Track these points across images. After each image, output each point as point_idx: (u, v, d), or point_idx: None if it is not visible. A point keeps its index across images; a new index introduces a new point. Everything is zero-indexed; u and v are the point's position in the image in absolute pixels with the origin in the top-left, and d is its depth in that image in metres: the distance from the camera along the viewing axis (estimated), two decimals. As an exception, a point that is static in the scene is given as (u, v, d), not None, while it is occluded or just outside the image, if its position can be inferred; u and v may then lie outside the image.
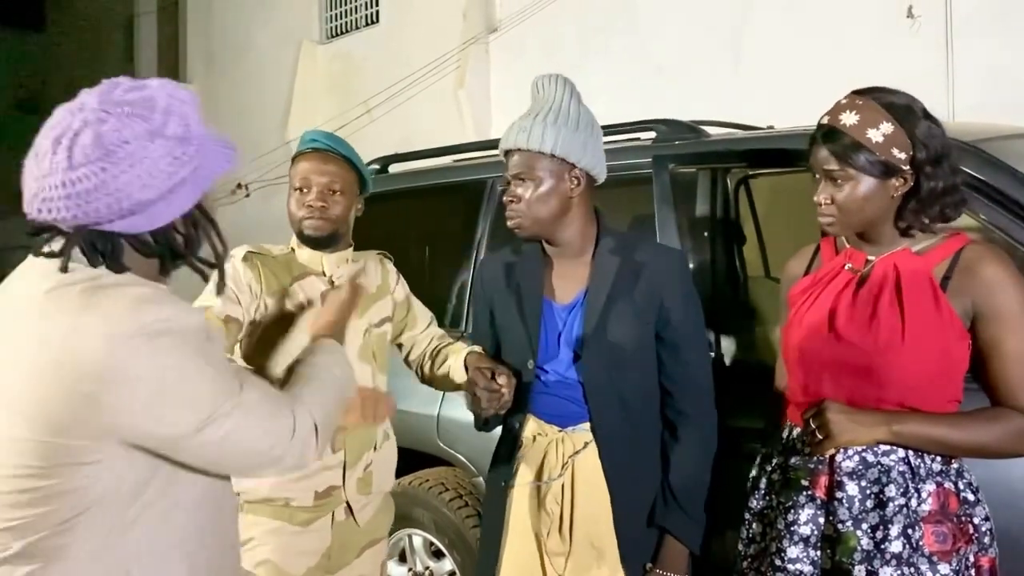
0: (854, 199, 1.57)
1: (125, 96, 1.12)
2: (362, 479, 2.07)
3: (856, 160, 1.55)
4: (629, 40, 7.24)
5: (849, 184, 1.57)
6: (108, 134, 1.08)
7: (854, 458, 1.56)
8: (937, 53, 5.63)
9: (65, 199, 1.07)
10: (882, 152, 1.54)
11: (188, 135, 1.14)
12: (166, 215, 1.14)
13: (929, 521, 1.50)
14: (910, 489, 1.51)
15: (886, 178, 1.56)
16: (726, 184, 2.43)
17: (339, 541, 2.06)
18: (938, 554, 1.49)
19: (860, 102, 1.58)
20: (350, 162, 2.06)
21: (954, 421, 1.52)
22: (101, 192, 1.07)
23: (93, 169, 1.06)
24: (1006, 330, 1.49)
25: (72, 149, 1.06)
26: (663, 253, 1.87)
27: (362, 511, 2.09)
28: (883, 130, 1.54)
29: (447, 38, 8.48)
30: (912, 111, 1.56)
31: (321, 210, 2.00)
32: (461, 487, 2.86)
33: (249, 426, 1.16)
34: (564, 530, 1.80)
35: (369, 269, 2.16)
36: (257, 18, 11.12)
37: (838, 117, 1.58)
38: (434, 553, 2.93)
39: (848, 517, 1.54)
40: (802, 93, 6.22)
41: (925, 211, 1.57)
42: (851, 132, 1.55)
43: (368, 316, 2.10)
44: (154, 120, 1.11)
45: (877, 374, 1.54)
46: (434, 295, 3.07)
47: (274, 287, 2.00)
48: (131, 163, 1.07)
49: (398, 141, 5.80)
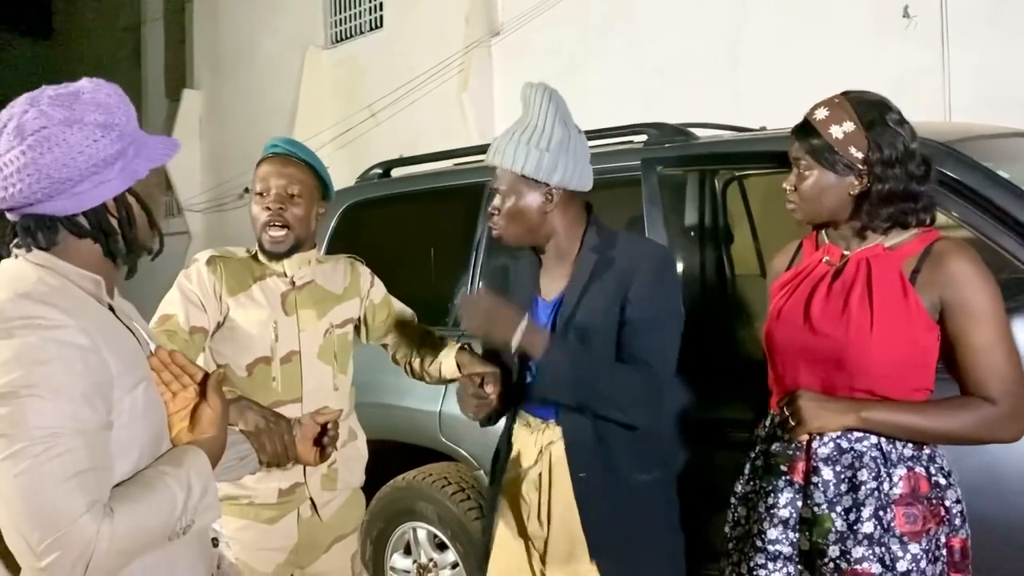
0: (812, 189, 1.68)
1: (51, 92, 1.23)
2: (326, 475, 2.09)
3: (817, 153, 1.66)
4: (629, 43, 7.31)
5: (811, 175, 1.68)
6: (29, 122, 1.18)
7: (829, 444, 1.64)
8: (933, 52, 5.69)
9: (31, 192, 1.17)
10: (840, 148, 1.63)
11: (108, 123, 1.21)
12: (94, 197, 1.22)
13: (900, 504, 1.58)
14: (882, 473, 1.59)
15: (843, 174, 1.65)
16: (714, 185, 2.51)
17: (306, 537, 2.08)
18: (908, 534, 1.57)
19: (836, 100, 1.68)
20: (311, 168, 2.09)
21: (922, 409, 1.60)
22: (24, 173, 1.16)
23: (15, 154, 1.16)
24: (972, 323, 1.56)
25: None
26: (638, 246, 1.91)
27: (326, 507, 2.11)
28: (844, 128, 1.63)
29: (450, 42, 8.56)
30: (879, 114, 1.63)
31: (279, 213, 2.01)
32: (463, 481, 2.94)
33: (47, 487, 1.05)
34: (542, 516, 1.89)
35: (334, 271, 2.19)
36: (262, 24, 11.21)
37: (814, 112, 1.69)
38: (438, 545, 3.02)
39: (823, 500, 1.62)
40: (799, 94, 6.26)
41: (876, 212, 1.63)
42: (818, 126, 1.66)
43: (329, 317, 2.12)
44: (75, 109, 1.20)
45: (848, 363, 1.62)
46: (436, 296, 3.17)
47: (235, 289, 2.03)
48: (49, 146, 1.16)
49: (402, 145, 5.87)
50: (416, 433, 3.01)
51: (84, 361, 1.12)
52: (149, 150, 1.28)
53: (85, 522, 1.06)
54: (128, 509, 1.11)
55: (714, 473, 1.98)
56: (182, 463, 1.23)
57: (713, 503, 1.94)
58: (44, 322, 1.11)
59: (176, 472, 1.21)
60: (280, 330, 2.05)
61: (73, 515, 1.05)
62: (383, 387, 2.83)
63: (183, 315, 1.97)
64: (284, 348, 2.05)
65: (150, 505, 1.15)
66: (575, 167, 1.84)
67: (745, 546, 1.75)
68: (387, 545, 3.12)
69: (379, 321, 2.25)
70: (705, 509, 1.95)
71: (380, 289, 2.28)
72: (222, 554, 1.46)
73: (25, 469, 1.05)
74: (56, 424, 1.08)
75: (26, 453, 1.06)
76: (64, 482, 1.06)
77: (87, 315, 1.18)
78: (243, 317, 2.03)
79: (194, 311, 1.99)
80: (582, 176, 1.87)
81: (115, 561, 1.10)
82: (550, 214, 1.86)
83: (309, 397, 2.05)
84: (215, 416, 1.32)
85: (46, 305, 1.13)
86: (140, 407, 1.21)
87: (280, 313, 2.06)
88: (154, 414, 1.26)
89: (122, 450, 1.17)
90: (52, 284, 1.19)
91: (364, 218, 3.48)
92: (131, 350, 1.25)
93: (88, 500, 1.07)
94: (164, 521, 1.17)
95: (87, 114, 1.20)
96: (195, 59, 12.87)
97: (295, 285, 2.09)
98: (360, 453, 2.24)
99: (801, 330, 1.69)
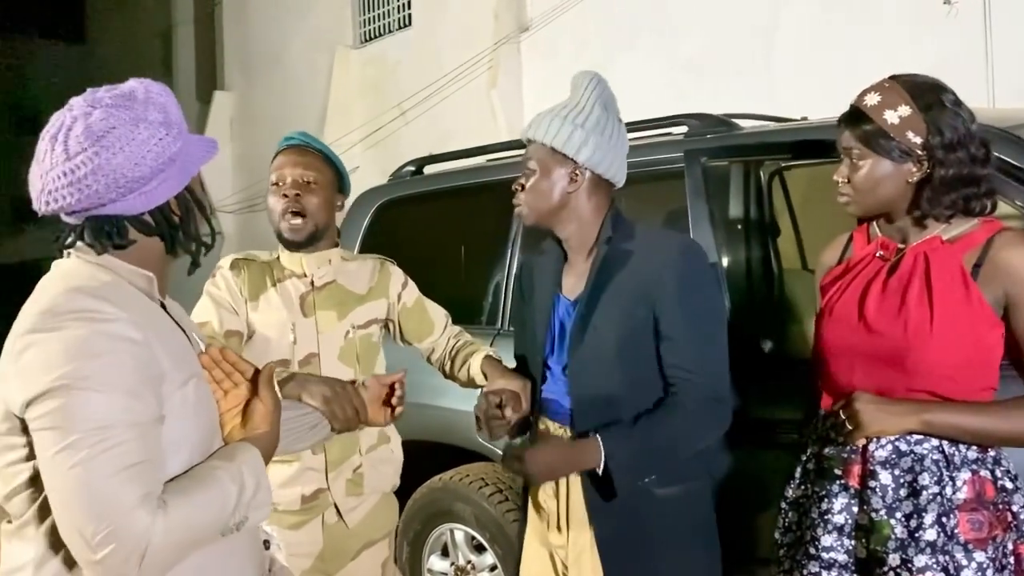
0: (868, 179, 1.59)
1: (107, 93, 1.24)
2: (352, 480, 2.05)
3: (871, 140, 1.57)
4: (659, 35, 7.23)
5: (865, 164, 1.59)
6: (96, 123, 1.18)
7: (887, 447, 1.56)
8: (976, 39, 5.54)
9: (67, 187, 1.17)
10: (896, 134, 1.55)
11: (168, 121, 1.24)
12: (160, 195, 1.24)
13: (964, 509, 1.50)
14: (944, 477, 1.51)
15: (900, 161, 1.57)
16: (759, 177, 2.43)
17: (331, 544, 2.05)
18: (974, 542, 1.49)
19: (887, 84, 1.60)
20: (327, 158, 2.08)
21: (987, 410, 1.52)
22: (99, 175, 1.17)
23: (88, 156, 1.16)
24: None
25: (67, 142, 1.18)
26: (660, 245, 1.79)
27: (352, 512, 2.06)
28: (900, 112, 1.55)
29: (479, 39, 8.53)
30: (936, 97, 1.56)
31: (296, 199, 2.00)
32: (501, 482, 2.90)
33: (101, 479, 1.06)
34: (560, 524, 1.83)
35: (360, 271, 2.15)
36: (292, 26, 11.26)
37: (863, 98, 1.61)
38: (475, 547, 2.98)
39: (882, 506, 1.54)
40: (836, 84, 6.17)
41: (938, 199, 1.55)
42: (870, 113, 1.58)
43: (350, 318, 2.08)
44: (135, 109, 1.22)
45: (906, 364, 1.54)
46: (469, 293, 3.13)
47: (255, 292, 2.02)
48: (120, 146, 1.18)
49: (432, 142, 5.86)
50: (453, 433, 2.97)
51: (135, 355, 1.13)
52: (195, 147, 1.30)
53: (139, 514, 1.06)
54: (181, 503, 1.11)
55: (763, 476, 1.91)
56: (235, 458, 1.23)
57: (762, 506, 1.87)
58: (96, 315, 1.12)
59: (229, 467, 1.21)
60: (298, 332, 2.02)
61: (127, 507, 1.06)
62: (418, 387, 2.77)
63: (217, 321, 1.95)
64: (303, 351, 2.01)
65: (203, 500, 1.15)
66: (607, 152, 1.78)
67: (797, 553, 1.68)
68: (424, 547, 3.09)
69: (412, 324, 2.21)
70: (753, 513, 1.88)
71: (413, 292, 2.23)
72: (273, 557, 1.45)
73: (79, 461, 1.06)
74: (108, 417, 1.08)
75: (80, 445, 1.06)
76: (117, 474, 1.07)
77: (138, 310, 1.19)
78: (262, 320, 2.01)
79: (227, 315, 1.98)
80: (613, 164, 1.80)
81: (170, 555, 1.10)
82: (573, 195, 1.80)
83: None
84: (266, 412, 1.32)
85: (98, 299, 1.14)
86: (191, 404, 1.21)
87: (299, 315, 2.03)
88: (205, 411, 1.26)
89: (173, 447, 1.17)
90: (104, 280, 1.20)
91: (396, 216, 3.46)
92: (181, 347, 1.26)
93: (141, 492, 1.08)
94: (217, 516, 1.17)
95: (149, 113, 1.22)
96: (225, 61, 12.98)
97: (314, 286, 2.06)
98: (393, 457, 2.19)
99: (855, 329, 1.61)
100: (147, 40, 16.28)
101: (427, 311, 2.23)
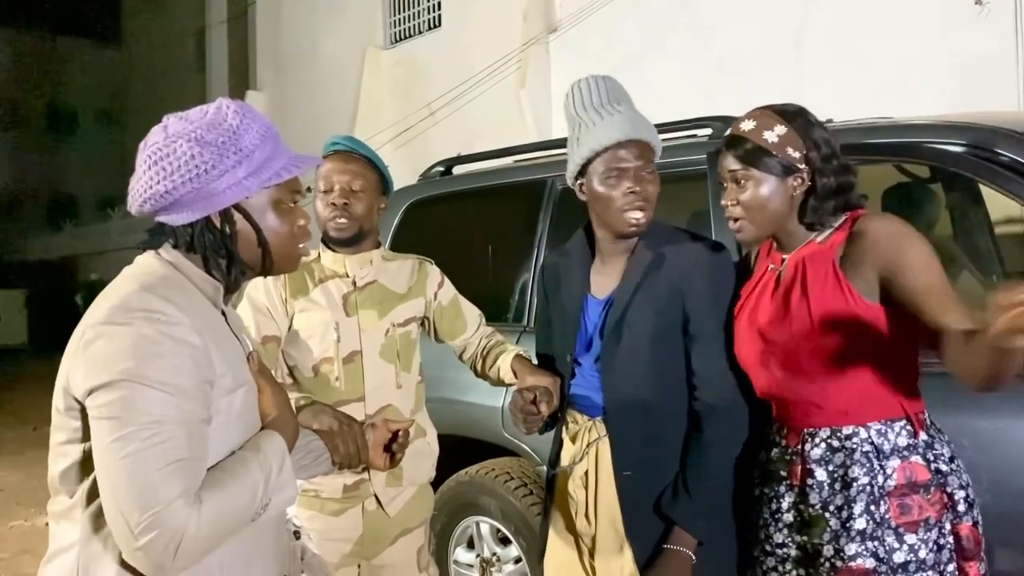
0: (756, 198, 1.67)
1: (195, 113, 1.31)
2: (391, 472, 2.08)
3: (755, 159, 1.66)
4: (689, 35, 7.24)
5: (751, 184, 1.67)
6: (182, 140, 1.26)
7: (821, 446, 1.63)
8: (1006, 39, 5.50)
9: (144, 201, 1.28)
10: (777, 151, 1.64)
11: (238, 146, 1.28)
12: (228, 199, 1.29)
13: (895, 495, 1.56)
14: (875, 467, 1.58)
15: (784, 176, 1.65)
16: (781, 179, 2.45)
17: (371, 530, 2.13)
18: (904, 525, 1.55)
19: (758, 112, 1.70)
20: (372, 163, 2.13)
21: None
22: (185, 188, 1.25)
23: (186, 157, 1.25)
24: (909, 273, 1.52)
25: (154, 160, 1.26)
26: (691, 246, 1.85)
27: (392, 503, 2.14)
28: (777, 132, 1.65)
29: (508, 40, 8.59)
30: (803, 116, 1.68)
31: (344, 208, 2.07)
32: (526, 476, 2.95)
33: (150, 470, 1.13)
34: (589, 513, 1.89)
35: (400, 271, 2.22)
36: (323, 26, 11.39)
37: (739, 125, 1.71)
38: (501, 540, 3.04)
39: (817, 501, 1.62)
40: (866, 83, 6.15)
41: (823, 207, 1.65)
42: (749, 135, 1.67)
43: (391, 316, 2.14)
44: (214, 129, 1.27)
45: (799, 365, 1.63)
46: (497, 292, 3.18)
47: (297, 293, 2.08)
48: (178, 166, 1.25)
49: (461, 143, 5.91)
50: (479, 428, 3.03)
51: (193, 358, 1.20)
52: (267, 165, 1.33)
53: (178, 506, 1.13)
54: (214, 495, 1.18)
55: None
56: (260, 448, 1.29)
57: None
58: (163, 317, 1.19)
59: (256, 456, 1.27)
60: (342, 331, 2.08)
61: (169, 498, 1.12)
62: (446, 383, 2.86)
63: (254, 327, 2.02)
64: (346, 348, 2.09)
65: (234, 489, 1.21)
66: (571, 155, 1.89)
67: (755, 550, 1.76)
68: (450, 539, 3.16)
69: (446, 322, 2.27)
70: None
71: (449, 291, 2.30)
72: (305, 546, 1.51)
73: (132, 451, 1.13)
74: (163, 413, 1.15)
75: (134, 437, 1.13)
76: (164, 467, 1.13)
77: (201, 316, 1.25)
78: (306, 320, 2.08)
79: (264, 321, 2.04)
80: (570, 166, 1.90)
81: (203, 544, 1.16)
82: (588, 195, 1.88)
83: (371, 395, 2.09)
84: (268, 396, 1.37)
85: (166, 301, 1.21)
86: (236, 410, 1.28)
87: (341, 314, 2.10)
88: (249, 419, 1.32)
89: (215, 450, 1.23)
90: (174, 282, 1.27)
91: (426, 215, 3.51)
92: (236, 355, 1.32)
93: (183, 486, 1.14)
94: (247, 503, 1.23)
95: (211, 135, 1.27)
96: (258, 61, 13.16)
97: (356, 286, 2.13)
98: (430, 449, 2.26)
99: (754, 340, 1.70)
100: (181, 40, 16.54)
101: (461, 310, 2.30)
